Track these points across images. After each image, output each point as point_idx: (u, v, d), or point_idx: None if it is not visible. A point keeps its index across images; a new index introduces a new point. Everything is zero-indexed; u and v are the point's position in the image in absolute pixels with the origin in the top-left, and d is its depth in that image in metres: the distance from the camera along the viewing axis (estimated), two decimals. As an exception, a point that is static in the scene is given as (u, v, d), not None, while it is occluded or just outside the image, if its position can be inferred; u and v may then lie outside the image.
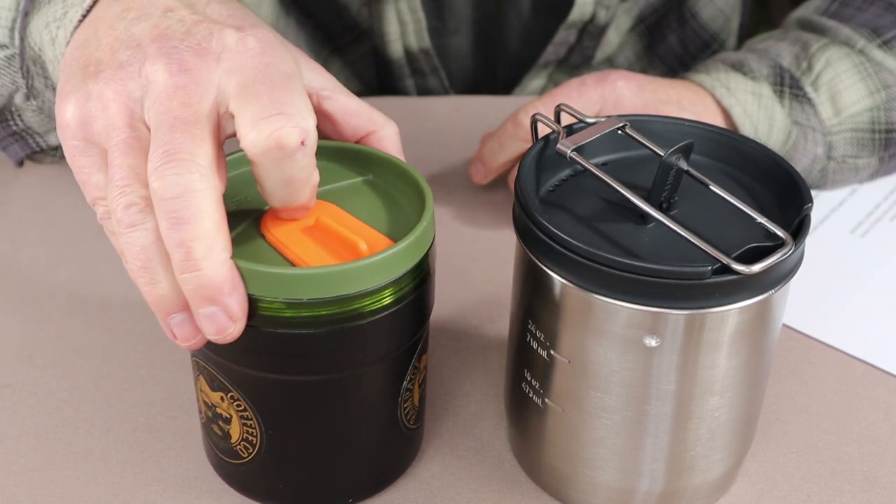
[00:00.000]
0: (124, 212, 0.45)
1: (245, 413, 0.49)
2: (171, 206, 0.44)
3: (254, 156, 0.45)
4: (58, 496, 0.54)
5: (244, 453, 0.51)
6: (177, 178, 0.44)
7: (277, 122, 0.44)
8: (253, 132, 0.44)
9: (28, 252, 0.71)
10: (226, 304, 0.45)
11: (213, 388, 0.50)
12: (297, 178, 0.46)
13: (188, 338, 0.47)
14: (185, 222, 0.44)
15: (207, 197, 0.44)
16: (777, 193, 0.52)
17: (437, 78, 0.89)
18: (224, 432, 0.51)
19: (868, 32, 0.76)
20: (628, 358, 0.48)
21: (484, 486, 0.56)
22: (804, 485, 0.56)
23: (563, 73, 0.91)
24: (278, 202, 0.48)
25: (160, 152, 0.44)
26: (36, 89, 0.61)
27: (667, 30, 0.91)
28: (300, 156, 0.45)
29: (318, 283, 0.45)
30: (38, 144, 0.70)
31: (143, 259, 0.45)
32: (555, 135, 0.52)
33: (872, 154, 0.76)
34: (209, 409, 0.51)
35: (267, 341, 0.47)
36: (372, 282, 0.46)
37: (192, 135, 0.45)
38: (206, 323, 0.45)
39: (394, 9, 0.83)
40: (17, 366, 0.62)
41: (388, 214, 0.51)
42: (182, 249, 0.44)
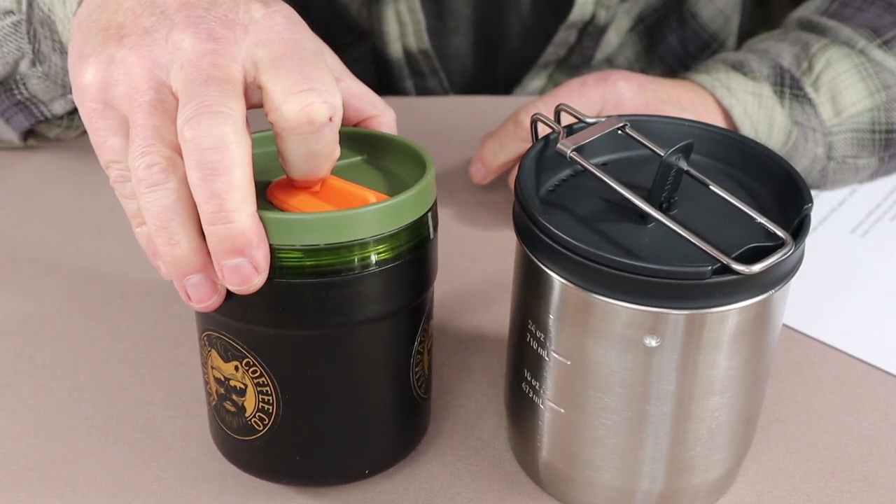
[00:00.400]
0: (146, 171, 0.45)
1: (261, 379, 0.49)
2: (205, 156, 0.44)
3: (283, 129, 0.46)
4: (58, 496, 0.54)
5: (260, 426, 0.51)
6: (212, 129, 0.44)
7: (308, 97, 0.45)
8: (284, 105, 0.45)
9: (28, 252, 0.71)
10: (252, 255, 0.45)
11: (227, 359, 0.50)
12: (321, 153, 0.47)
13: (204, 299, 0.47)
14: (219, 174, 0.44)
15: (241, 150, 0.44)
16: (777, 193, 0.52)
17: (437, 79, 0.89)
18: (238, 406, 0.51)
19: (868, 32, 0.76)
20: (628, 358, 0.48)
21: (484, 486, 0.56)
22: (804, 485, 0.56)
23: (563, 73, 0.91)
24: (299, 174, 0.48)
25: (194, 104, 0.44)
26: (43, 54, 0.61)
27: (667, 30, 0.91)
28: (327, 131, 0.46)
29: (336, 226, 0.46)
30: (42, 114, 0.69)
31: (164, 219, 0.45)
32: (555, 135, 0.52)
33: (872, 154, 0.76)
34: (222, 385, 0.51)
35: (285, 294, 0.47)
36: (388, 226, 0.47)
37: (225, 90, 0.45)
38: (232, 274, 0.46)
39: (393, 9, 0.83)
40: (17, 366, 0.62)
41: (389, 184, 0.52)
42: (215, 201, 0.44)
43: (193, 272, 0.46)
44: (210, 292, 0.47)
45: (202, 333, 0.51)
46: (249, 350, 0.49)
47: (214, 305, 0.47)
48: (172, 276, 0.47)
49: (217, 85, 0.45)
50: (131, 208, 0.49)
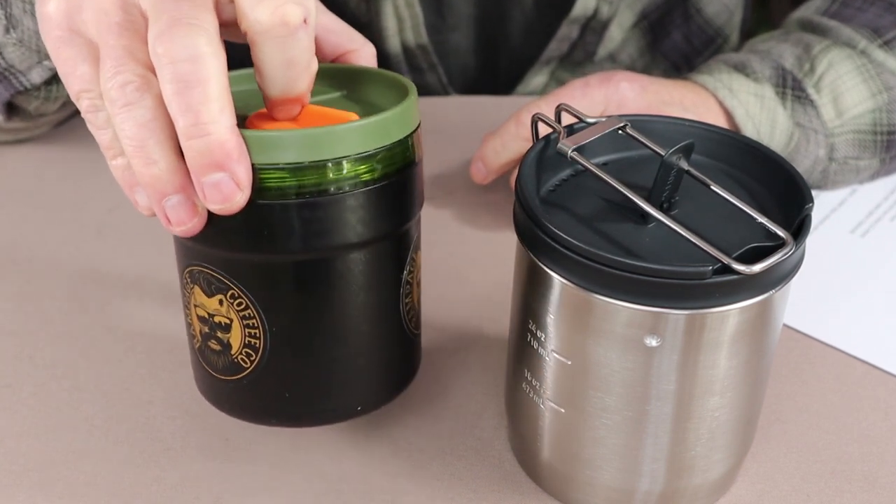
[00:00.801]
0: (120, 90, 0.44)
1: (246, 311, 0.48)
2: (179, 69, 0.43)
3: (257, 34, 0.44)
4: (58, 496, 0.54)
5: (247, 362, 0.49)
6: (185, 41, 0.43)
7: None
8: (257, 9, 0.44)
9: (28, 251, 0.71)
10: (233, 170, 0.44)
11: (211, 293, 0.49)
12: (298, 60, 0.46)
13: (184, 220, 0.46)
14: (193, 86, 0.43)
15: (215, 61, 0.43)
16: (778, 193, 0.52)
17: (435, 74, 0.89)
18: (224, 344, 0.50)
19: (869, 33, 0.76)
20: (628, 358, 0.48)
21: (484, 486, 0.56)
22: (804, 485, 0.56)
23: (565, 69, 0.91)
24: (277, 89, 0.47)
25: (165, 18, 0.43)
26: (15, 17, 0.61)
27: (670, 26, 0.91)
28: (302, 34, 0.45)
29: (318, 142, 0.45)
30: (21, 84, 0.69)
31: (141, 138, 0.44)
32: (555, 135, 0.52)
33: (874, 155, 0.76)
34: (205, 323, 0.50)
35: (268, 216, 0.46)
36: (371, 144, 0.47)
37: (196, 3, 0.44)
38: (213, 191, 0.44)
39: (391, 4, 0.83)
40: (17, 366, 0.62)
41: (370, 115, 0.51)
42: (191, 114, 0.43)
43: (172, 192, 0.45)
44: (190, 214, 0.46)
45: (184, 270, 0.50)
46: (234, 281, 0.48)
47: (195, 229, 0.46)
48: (151, 197, 0.46)
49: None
50: (105, 138, 0.47)
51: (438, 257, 0.72)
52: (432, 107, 0.88)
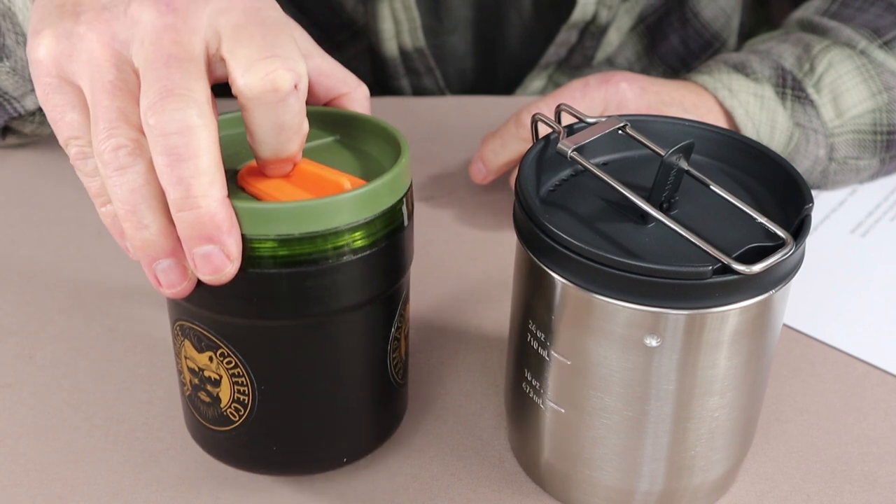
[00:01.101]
0: (112, 154, 0.44)
1: (236, 370, 0.49)
2: (170, 141, 0.43)
3: (247, 99, 0.44)
4: (58, 496, 0.54)
5: (235, 416, 0.50)
6: (175, 114, 0.43)
7: (272, 64, 0.44)
8: (247, 74, 0.44)
9: (28, 252, 0.71)
10: (224, 242, 0.44)
11: (201, 349, 0.49)
12: (288, 124, 0.46)
13: (174, 284, 0.46)
14: (184, 159, 0.43)
15: (206, 133, 0.43)
16: (777, 193, 0.52)
17: (433, 77, 0.89)
18: (213, 397, 0.50)
19: (869, 33, 0.76)
20: (628, 358, 0.48)
21: (484, 485, 0.56)
22: (804, 485, 0.56)
23: (563, 73, 0.91)
24: (268, 151, 0.47)
25: (156, 88, 0.43)
26: (8, 48, 0.60)
27: (668, 29, 0.91)
28: (293, 100, 0.45)
29: (311, 215, 0.45)
30: (15, 110, 0.69)
31: (132, 202, 0.44)
32: (555, 135, 0.52)
33: (874, 155, 0.76)
34: (195, 375, 0.50)
35: (259, 285, 0.46)
36: (364, 213, 0.47)
37: (187, 71, 0.44)
38: (203, 263, 0.45)
39: (388, 7, 0.83)
40: (17, 366, 0.62)
41: (363, 167, 0.51)
42: (182, 186, 0.43)
43: (163, 256, 0.45)
44: (181, 277, 0.46)
45: (174, 323, 0.50)
46: (224, 340, 0.48)
47: (185, 291, 0.46)
48: (142, 260, 0.46)
49: (178, 66, 0.44)
50: (94, 186, 0.47)
51: (438, 257, 0.72)
52: (432, 107, 0.88)
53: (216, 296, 0.47)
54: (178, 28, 0.45)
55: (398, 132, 0.51)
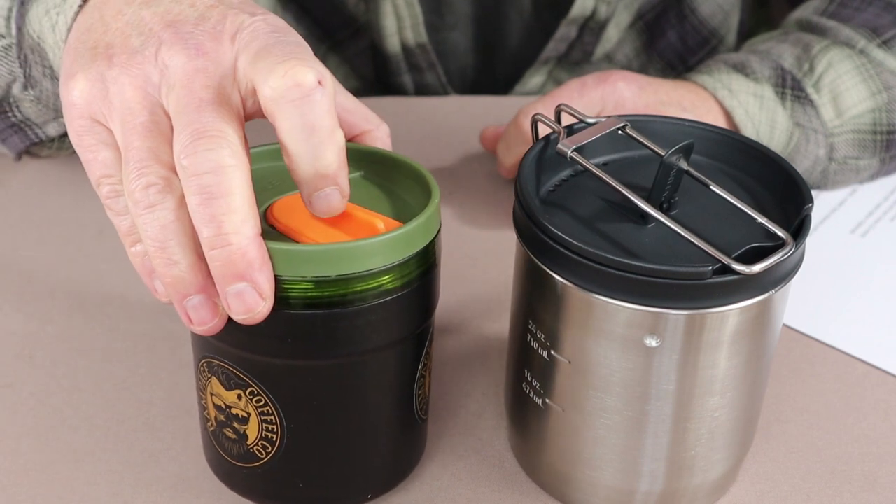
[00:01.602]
0: (143, 192, 0.44)
1: (265, 408, 0.49)
2: (202, 181, 0.43)
3: (272, 101, 0.44)
4: (58, 496, 0.54)
5: (262, 454, 0.50)
6: (208, 154, 0.43)
7: (291, 63, 0.44)
8: (269, 78, 0.44)
9: (28, 252, 0.71)
10: (256, 280, 0.44)
11: (230, 387, 0.49)
12: (319, 125, 0.45)
13: (205, 321, 0.46)
14: (216, 197, 0.43)
15: (239, 173, 0.44)
16: (777, 193, 0.52)
17: (435, 74, 0.89)
18: (240, 434, 0.50)
19: (868, 32, 0.76)
20: (628, 358, 0.48)
21: (484, 486, 0.56)
22: (804, 485, 0.56)
23: (563, 69, 0.91)
24: (305, 164, 0.46)
25: (189, 131, 0.44)
26: (34, 78, 0.61)
27: (666, 25, 0.91)
28: (318, 95, 0.44)
29: (346, 257, 0.45)
30: (36, 136, 0.69)
31: (162, 239, 0.45)
32: (555, 135, 0.52)
33: (874, 155, 0.76)
34: (222, 412, 0.50)
35: (293, 325, 0.46)
36: (398, 255, 0.47)
37: (219, 113, 0.45)
38: (235, 301, 0.45)
39: (390, 3, 0.83)
40: (17, 366, 0.62)
41: (390, 204, 0.51)
42: (213, 224, 0.43)
43: (194, 292, 0.45)
44: (212, 314, 0.46)
45: (201, 360, 0.50)
46: (254, 379, 0.48)
47: (216, 328, 0.46)
48: (172, 297, 0.46)
49: (211, 109, 0.45)
50: (124, 226, 0.48)
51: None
52: (432, 107, 0.88)
53: (249, 335, 0.47)
54: (208, 71, 0.46)
55: (426, 172, 0.51)
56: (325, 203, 0.47)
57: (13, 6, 0.59)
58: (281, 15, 0.85)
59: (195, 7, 0.48)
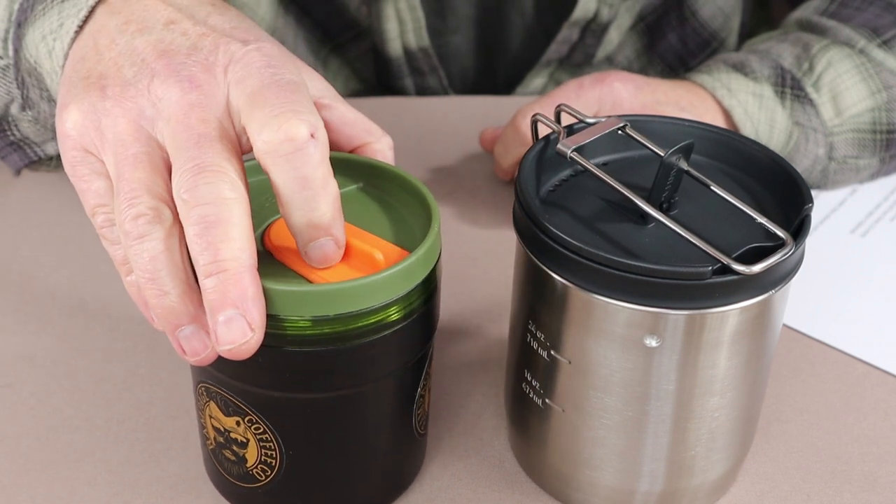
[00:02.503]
0: (133, 223, 0.44)
1: (264, 436, 0.49)
2: (201, 211, 0.43)
3: (266, 154, 0.45)
4: (58, 496, 0.54)
5: (262, 476, 0.50)
6: (208, 187, 0.43)
7: (285, 116, 0.44)
8: (263, 131, 0.44)
9: (28, 253, 0.71)
10: (248, 309, 0.43)
11: (228, 413, 0.49)
12: (311, 177, 0.45)
13: (197, 351, 0.46)
14: (214, 226, 0.43)
15: (238, 206, 0.44)
16: (777, 193, 0.52)
17: (437, 77, 0.89)
18: (239, 457, 0.50)
19: (868, 32, 0.76)
20: (628, 358, 0.48)
21: (484, 486, 0.56)
22: (804, 485, 0.56)
23: (564, 71, 0.91)
24: (298, 214, 0.45)
25: (190, 166, 0.44)
26: (31, 100, 0.61)
27: (667, 28, 0.91)
28: (312, 149, 0.44)
29: (347, 297, 0.45)
30: (35, 154, 0.70)
31: (152, 270, 0.44)
32: (555, 135, 0.52)
33: (874, 155, 0.76)
34: (221, 435, 0.50)
35: (292, 361, 0.46)
36: (400, 290, 0.46)
37: (218, 149, 0.45)
38: (225, 330, 0.43)
39: (393, 7, 0.83)
40: (17, 366, 0.62)
41: (387, 219, 0.51)
42: (210, 251, 0.43)
43: (186, 322, 0.45)
44: (203, 345, 0.45)
45: (198, 384, 0.50)
46: (252, 409, 0.48)
47: (209, 359, 0.46)
48: (165, 328, 0.46)
49: (209, 144, 0.45)
50: (119, 255, 0.48)
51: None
52: (432, 107, 0.88)
53: (247, 367, 0.46)
54: (203, 105, 0.46)
55: (426, 190, 0.50)
56: (319, 253, 0.47)
57: (10, 27, 0.58)
58: (282, 20, 0.85)
59: (187, 36, 0.48)
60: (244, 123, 0.46)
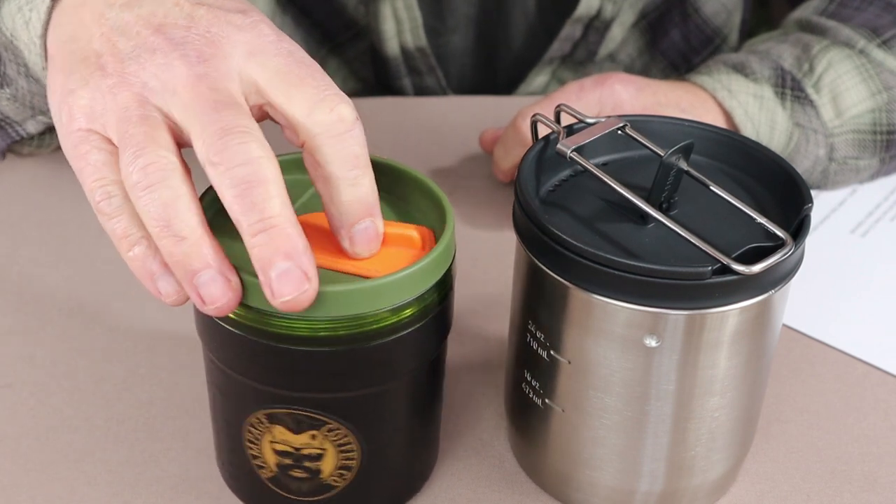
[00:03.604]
0: (141, 172, 0.44)
1: (344, 439, 0.49)
2: (237, 173, 0.43)
3: (318, 136, 0.45)
4: (58, 496, 0.54)
5: (338, 482, 0.50)
6: (239, 148, 0.43)
7: (333, 99, 0.45)
8: (314, 112, 0.45)
9: (27, 252, 0.71)
10: (301, 260, 0.43)
11: (300, 431, 0.49)
12: (359, 156, 0.46)
13: (217, 297, 0.45)
14: (255, 185, 0.43)
15: (271, 164, 0.44)
16: (777, 193, 0.52)
17: (434, 77, 0.89)
18: (311, 471, 0.50)
19: (868, 32, 0.76)
20: (628, 358, 0.48)
21: (484, 485, 0.56)
22: (804, 485, 0.56)
23: (567, 69, 0.91)
24: (349, 192, 0.46)
25: (212, 130, 0.44)
26: (8, 77, 0.61)
27: (669, 25, 0.91)
28: (358, 130, 0.46)
29: (422, 278, 0.47)
30: (17, 133, 0.69)
31: (165, 217, 0.44)
32: (555, 135, 0.52)
33: (874, 155, 0.76)
34: (288, 456, 0.50)
35: (371, 355, 0.47)
36: (443, 269, 0.48)
37: (237, 112, 0.45)
38: (282, 281, 0.43)
39: (390, 7, 0.83)
40: (17, 366, 0.62)
41: (397, 219, 0.51)
42: (255, 211, 0.43)
43: (203, 267, 0.44)
44: (223, 289, 0.45)
45: (252, 414, 0.49)
46: (331, 416, 0.48)
47: (230, 305, 0.45)
48: (182, 278, 0.45)
49: (227, 108, 0.45)
50: (119, 228, 0.46)
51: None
52: (431, 107, 0.88)
53: (328, 376, 0.47)
54: (212, 77, 0.46)
55: (438, 189, 0.51)
56: (364, 237, 0.47)
57: None
58: (280, 19, 0.85)
59: (180, 6, 0.48)
60: (276, 102, 0.46)
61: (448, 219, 0.49)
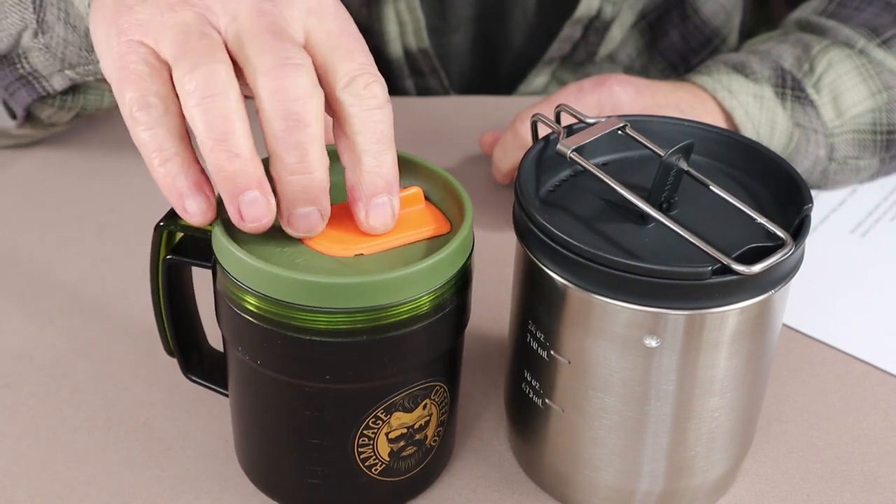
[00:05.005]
0: (203, 79, 0.45)
1: (444, 396, 0.52)
2: (292, 107, 0.45)
3: (350, 105, 0.47)
4: (58, 496, 0.54)
5: (436, 439, 0.53)
6: (298, 80, 0.45)
7: (371, 77, 0.47)
8: (351, 85, 0.47)
9: (28, 252, 0.71)
10: (323, 205, 0.47)
11: (414, 407, 0.51)
12: (386, 133, 0.48)
13: (258, 217, 0.46)
14: (304, 125, 0.45)
15: (320, 104, 0.46)
16: (777, 194, 0.52)
17: (437, 78, 0.89)
18: (418, 442, 0.52)
19: (867, 32, 0.76)
20: (628, 358, 0.48)
21: (484, 485, 0.56)
22: (804, 485, 0.56)
23: (566, 69, 0.91)
24: (372, 163, 0.48)
25: (272, 56, 0.45)
26: (47, 23, 0.61)
27: (668, 25, 0.91)
28: (389, 109, 0.48)
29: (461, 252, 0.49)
30: (44, 88, 0.70)
31: (224, 130, 0.45)
32: (555, 135, 0.52)
33: (874, 155, 0.76)
34: (403, 438, 0.51)
35: (447, 319, 0.49)
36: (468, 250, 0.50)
37: (296, 46, 0.46)
38: (302, 221, 0.47)
39: (393, 9, 0.83)
40: (17, 366, 0.62)
41: None
42: (299, 151, 0.45)
43: (252, 187, 0.45)
44: (265, 210, 0.46)
45: (369, 414, 0.50)
46: (436, 379, 0.51)
47: (267, 225, 0.47)
48: (227, 193, 0.46)
49: (288, 40, 0.46)
50: (154, 141, 0.46)
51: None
52: (432, 107, 0.88)
53: (431, 349, 0.50)
54: (274, 15, 0.47)
55: (456, 182, 0.52)
56: (380, 213, 0.48)
57: None
58: None
59: None
60: (316, 59, 0.47)
61: (466, 211, 0.50)
